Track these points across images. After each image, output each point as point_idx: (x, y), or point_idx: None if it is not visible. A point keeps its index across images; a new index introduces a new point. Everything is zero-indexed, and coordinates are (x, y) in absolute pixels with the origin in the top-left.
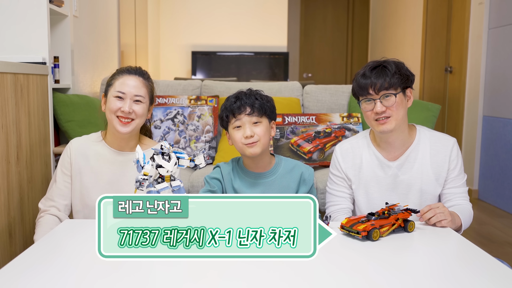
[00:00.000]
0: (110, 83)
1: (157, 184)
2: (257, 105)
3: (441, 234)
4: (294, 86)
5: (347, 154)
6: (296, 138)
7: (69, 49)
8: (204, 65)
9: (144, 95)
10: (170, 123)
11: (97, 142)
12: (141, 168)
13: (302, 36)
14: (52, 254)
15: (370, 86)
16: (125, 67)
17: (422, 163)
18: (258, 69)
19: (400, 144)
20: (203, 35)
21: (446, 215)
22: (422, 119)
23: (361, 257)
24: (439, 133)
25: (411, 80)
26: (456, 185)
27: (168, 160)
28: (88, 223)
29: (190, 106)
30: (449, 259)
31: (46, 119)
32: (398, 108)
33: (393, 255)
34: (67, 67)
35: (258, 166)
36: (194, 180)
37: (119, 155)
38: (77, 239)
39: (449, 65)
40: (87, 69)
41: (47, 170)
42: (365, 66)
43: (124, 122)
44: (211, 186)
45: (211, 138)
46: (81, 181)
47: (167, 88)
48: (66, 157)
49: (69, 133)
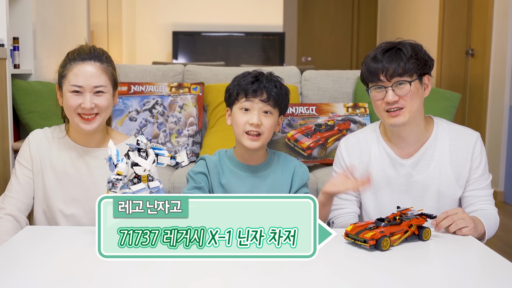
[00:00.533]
0: (62, 74)
1: (133, 185)
2: (274, 94)
3: (461, 242)
4: (291, 71)
5: (354, 150)
6: (294, 132)
7: (31, 29)
8: (187, 47)
9: (105, 84)
10: (147, 114)
11: (59, 139)
12: (114, 166)
13: (301, 14)
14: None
15: (381, 72)
16: (77, 52)
17: (440, 161)
18: (250, 52)
19: (414, 139)
20: (185, 13)
21: (467, 222)
22: (440, 110)
23: (369, 269)
24: (460, 126)
25: (429, 66)
26: (479, 187)
27: (145, 158)
28: (51, 230)
29: (170, 94)
30: (471, 272)
31: (3, 110)
32: (413, 98)
33: (405, 267)
34: (28, 49)
35: (252, 158)
36: (175, 180)
37: (84, 152)
38: (39, 249)
39: (470, 47)
40: (52, 52)
41: (5, 168)
42: (377, 48)
43: (87, 118)
44: (196, 182)
45: (195, 132)
46: (43, 180)
47: (144, 74)
48: (26, 149)
49: (30, 125)
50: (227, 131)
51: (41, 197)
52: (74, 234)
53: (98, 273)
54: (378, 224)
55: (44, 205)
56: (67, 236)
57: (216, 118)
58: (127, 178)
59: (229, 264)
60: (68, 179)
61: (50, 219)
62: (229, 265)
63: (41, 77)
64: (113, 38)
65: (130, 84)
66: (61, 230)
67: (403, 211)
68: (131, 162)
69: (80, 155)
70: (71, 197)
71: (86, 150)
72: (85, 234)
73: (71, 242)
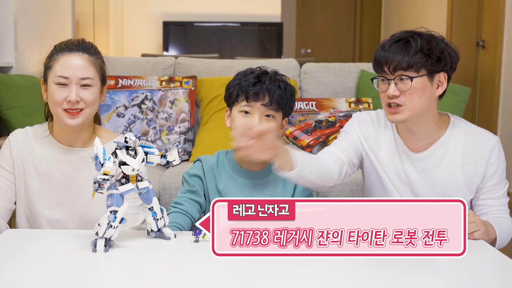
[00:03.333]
0: (48, 65)
1: (120, 186)
2: (277, 96)
3: (471, 246)
4: (290, 64)
5: (366, 125)
6: (292, 129)
7: (11, 18)
8: (178, 38)
9: (92, 76)
10: (136, 110)
11: (42, 138)
12: (100, 166)
13: (300, 3)
14: None
15: (385, 63)
16: (65, 43)
17: (450, 162)
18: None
19: (424, 135)
20: (177, 2)
21: (478, 225)
22: (449, 105)
23: (372, 275)
24: (479, 128)
25: (445, 63)
26: (494, 196)
27: (134, 156)
28: (34, 233)
29: (161, 89)
30: (481, 277)
31: None
32: (415, 96)
33: (411, 272)
34: (9, 41)
35: (252, 164)
36: (165, 180)
37: (69, 153)
38: (21, 253)
39: (481, 38)
40: (34, 43)
41: None
42: (391, 36)
43: (72, 113)
44: (190, 186)
45: (187, 129)
46: (25, 184)
47: (133, 67)
48: (6, 151)
49: (11, 122)
50: (221, 128)
51: (23, 202)
52: (57, 237)
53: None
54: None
55: (27, 210)
56: (50, 240)
57: (209, 114)
58: (115, 178)
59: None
60: (53, 182)
61: (33, 225)
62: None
63: (22, 70)
64: (100, 28)
65: (117, 77)
66: (43, 234)
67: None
68: (119, 161)
69: (65, 155)
70: (56, 201)
71: (72, 150)
72: (69, 238)
73: (54, 247)
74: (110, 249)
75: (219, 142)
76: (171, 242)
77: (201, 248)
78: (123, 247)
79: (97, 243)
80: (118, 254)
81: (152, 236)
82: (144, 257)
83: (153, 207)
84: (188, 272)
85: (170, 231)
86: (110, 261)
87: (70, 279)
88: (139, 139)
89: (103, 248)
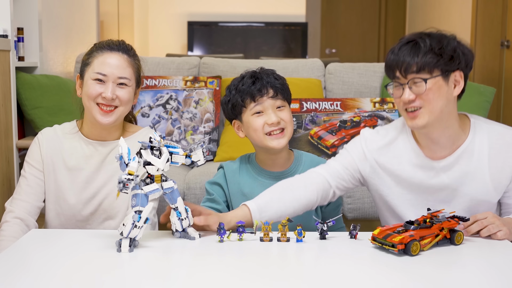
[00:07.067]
0: (86, 62)
1: (145, 186)
2: (279, 85)
3: (496, 247)
4: (315, 64)
5: (376, 143)
6: (317, 129)
7: (36, 18)
8: (203, 38)
9: (129, 77)
10: (161, 110)
11: (71, 134)
12: (125, 166)
13: (324, 3)
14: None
15: (396, 67)
16: (105, 42)
17: (477, 168)
18: (270, 44)
19: (447, 142)
20: (201, 2)
21: (498, 226)
22: (472, 106)
23: (397, 275)
24: (500, 125)
25: (459, 61)
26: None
27: (158, 156)
28: (59, 233)
29: (185, 89)
30: (508, 278)
31: (7, 105)
32: (433, 97)
33: (437, 273)
34: (33, 41)
35: (275, 164)
36: (190, 180)
37: (100, 146)
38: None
39: (505, 38)
40: (59, 43)
41: (9, 168)
42: (400, 39)
43: (106, 110)
44: (209, 194)
45: (211, 129)
46: (56, 181)
47: (158, 67)
48: (36, 149)
49: (36, 122)
50: None
51: (53, 199)
52: (82, 237)
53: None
54: (408, 227)
55: (58, 207)
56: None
57: None
58: (139, 178)
59: None
60: (82, 178)
61: (63, 222)
62: None
63: (47, 70)
64: (124, 28)
65: (142, 77)
66: (68, 234)
67: (434, 213)
68: (144, 161)
69: (94, 150)
70: (87, 197)
71: (101, 143)
72: (93, 238)
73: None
74: (135, 249)
75: (244, 142)
76: (195, 242)
77: (225, 248)
78: (148, 247)
79: (122, 243)
80: (142, 254)
81: (176, 236)
82: (169, 257)
83: (178, 207)
84: (212, 272)
85: (194, 231)
86: (134, 261)
87: (94, 279)
88: (164, 139)
89: (128, 248)
